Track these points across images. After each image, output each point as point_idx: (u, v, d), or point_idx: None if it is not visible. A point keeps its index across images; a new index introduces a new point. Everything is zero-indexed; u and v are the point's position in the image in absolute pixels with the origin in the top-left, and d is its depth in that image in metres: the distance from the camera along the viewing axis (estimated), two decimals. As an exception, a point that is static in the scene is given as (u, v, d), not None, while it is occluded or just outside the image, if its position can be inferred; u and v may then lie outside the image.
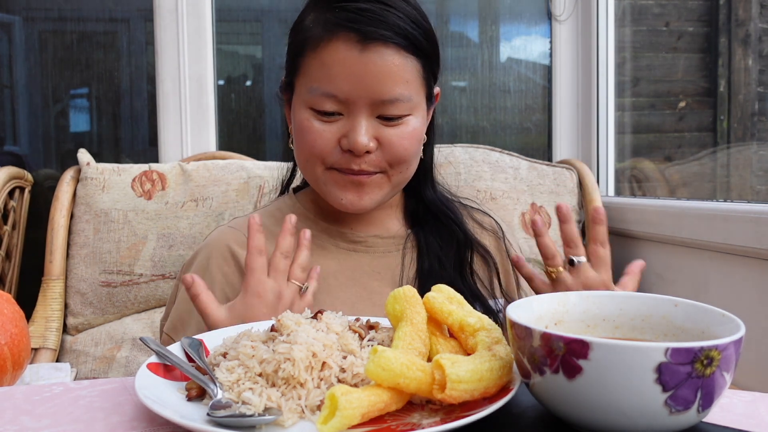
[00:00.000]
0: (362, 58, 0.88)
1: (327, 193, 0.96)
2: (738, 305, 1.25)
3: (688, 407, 0.46)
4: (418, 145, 0.96)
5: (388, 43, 0.88)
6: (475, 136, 2.01)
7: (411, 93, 0.91)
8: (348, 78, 0.88)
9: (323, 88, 0.89)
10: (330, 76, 0.89)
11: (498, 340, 0.58)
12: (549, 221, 1.64)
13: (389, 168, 0.94)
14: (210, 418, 0.51)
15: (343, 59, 0.88)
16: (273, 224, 1.01)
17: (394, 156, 0.92)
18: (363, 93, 0.88)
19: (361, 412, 0.50)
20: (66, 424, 0.54)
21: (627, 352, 0.45)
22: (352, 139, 0.89)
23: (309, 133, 0.92)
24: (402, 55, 0.89)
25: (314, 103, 0.91)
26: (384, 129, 0.91)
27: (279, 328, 0.62)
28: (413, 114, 0.93)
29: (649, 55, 2.18)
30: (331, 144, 0.91)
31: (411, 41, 0.90)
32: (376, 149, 0.91)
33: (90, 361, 1.42)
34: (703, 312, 0.56)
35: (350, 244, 1.01)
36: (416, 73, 0.92)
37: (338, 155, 0.91)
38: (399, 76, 0.89)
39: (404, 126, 0.92)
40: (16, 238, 1.56)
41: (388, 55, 0.88)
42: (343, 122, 0.91)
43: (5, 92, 1.85)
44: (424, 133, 1.00)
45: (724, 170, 2.22)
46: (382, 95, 0.89)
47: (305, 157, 0.95)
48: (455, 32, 2.03)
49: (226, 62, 1.91)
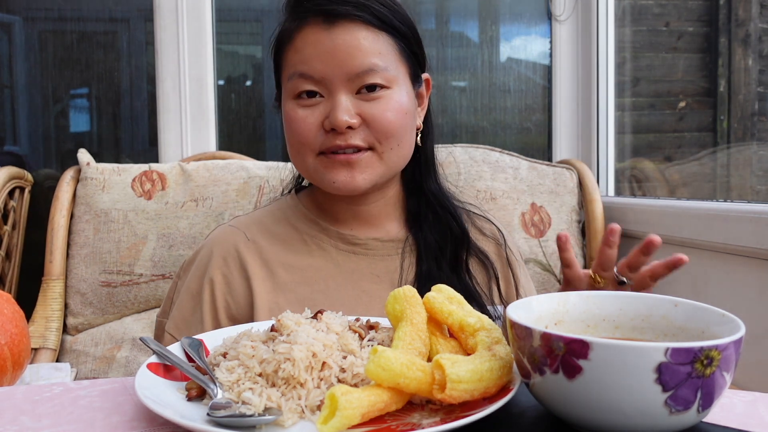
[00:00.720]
0: (331, 35, 0.91)
1: (320, 179, 0.96)
2: (738, 305, 1.25)
3: (688, 407, 0.46)
4: (404, 119, 0.96)
5: (354, 19, 0.92)
6: (475, 136, 2.01)
7: (386, 64, 0.93)
8: (320, 56, 0.91)
9: (299, 71, 0.93)
10: (303, 58, 0.92)
11: (498, 340, 0.58)
12: (549, 221, 1.64)
13: (378, 144, 0.94)
14: (210, 418, 0.51)
15: (314, 41, 0.92)
16: (273, 223, 1.02)
17: (379, 130, 0.93)
18: (337, 70, 0.91)
19: (361, 412, 0.50)
20: (66, 424, 0.54)
21: (627, 352, 0.45)
22: (332, 116, 0.91)
23: (294, 122, 0.94)
24: (370, 30, 0.92)
25: (294, 88, 0.94)
26: (365, 104, 0.93)
27: (279, 328, 0.62)
28: (393, 87, 0.94)
29: (649, 55, 2.18)
30: (315, 127, 0.93)
31: (377, 17, 0.93)
32: (359, 125, 0.92)
33: (90, 361, 1.42)
34: (703, 312, 0.56)
35: (350, 246, 1.01)
36: (389, 47, 0.94)
37: (323, 137, 0.93)
38: (370, 49, 0.92)
39: (385, 100, 0.93)
40: (16, 238, 1.56)
41: (356, 30, 0.92)
42: (324, 104, 0.93)
43: (5, 92, 1.85)
44: (415, 114, 1.01)
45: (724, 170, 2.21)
46: (355, 68, 0.91)
47: (295, 148, 0.97)
48: (455, 32, 2.03)
49: (226, 62, 1.91)
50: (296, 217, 1.03)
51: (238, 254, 0.98)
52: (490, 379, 0.53)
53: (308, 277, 0.97)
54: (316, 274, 0.98)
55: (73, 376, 1.33)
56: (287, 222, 1.03)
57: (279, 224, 1.03)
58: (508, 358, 0.55)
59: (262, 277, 0.96)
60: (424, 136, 1.04)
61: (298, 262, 0.98)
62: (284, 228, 1.02)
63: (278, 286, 0.96)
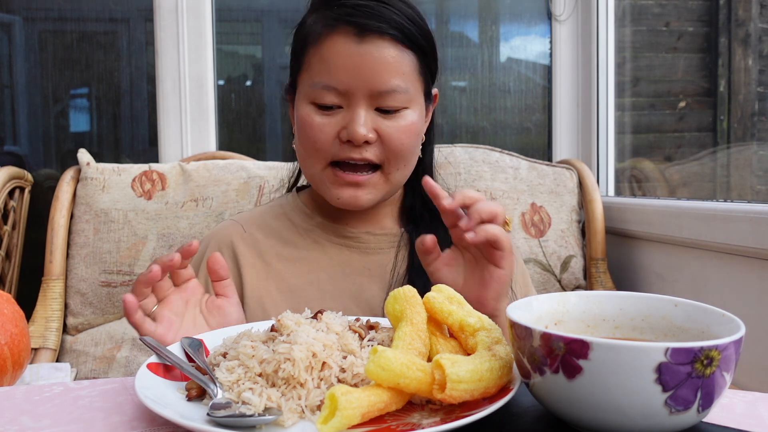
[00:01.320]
0: (360, 49, 0.91)
1: (325, 190, 0.98)
2: (738, 305, 1.25)
3: (688, 407, 0.46)
4: (415, 140, 0.97)
5: (385, 36, 0.91)
6: (475, 136, 2.01)
7: (408, 86, 0.94)
8: (346, 69, 0.91)
9: (324, 81, 0.92)
10: (329, 69, 0.92)
11: (498, 340, 0.58)
12: (549, 221, 1.64)
13: (387, 163, 0.95)
14: (210, 418, 0.51)
15: (342, 52, 0.91)
16: (272, 218, 1.06)
17: (392, 149, 0.94)
18: (361, 84, 0.91)
19: (361, 412, 0.50)
20: (66, 424, 0.54)
21: (627, 352, 0.45)
22: (351, 129, 0.91)
23: (310, 128, 0.94)
24: (398, 47, 0.92)
25: (315, 96, 0.93)
26: (382, 121, 0.93)
27: (279, 328, 0.62)
28: (410, 107, 0.95)
29: (649, 55, 2.18)
30: (331, 137, 0.93)
31: (406, 35, 0.93)
32: (375, 141, 0.93)
33: (90, 361, 1.42)
34: (703, 312, 0.56)
35: (343, 240, 1.03)
36: (412, 66, 0.95)
37: (337, 147, 0.93)
38: (395, 68, 0.92)
39: (402, 119, 0.94)
40: (16, 238, 1.56)
41: (384, 47, 0.91)
42: (342, 115, 0.93)
43: (5, 92, 1.85)
44: (423, 132, 1.02)
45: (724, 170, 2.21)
46: (380, 86, 0.91)
47: (306, 153, 0.97)
48: (455, 32, 2.03)
49: (226, 62, 1.91)
50: (294, 213, 1.06)
51: (233, 245, 1.02)
52: (490, 379, 0.53)
53: (300, 268, 1.00)
54: (308, 266, 1.00)
55: (73, 376, 1.33)
56: (285, 217, 1.05)
57: (277, 219, 1.05)
58: (508, 358, 0.55)
59: (254, 267, 1.00)
60: (424, 148, 1.05)
61: (292, 254, 1.02)
62: (281, 222, 1.05)
63: (270, 274, 1.00)
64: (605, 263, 1.62)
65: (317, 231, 1.03)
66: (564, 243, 1.62)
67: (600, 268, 1.62)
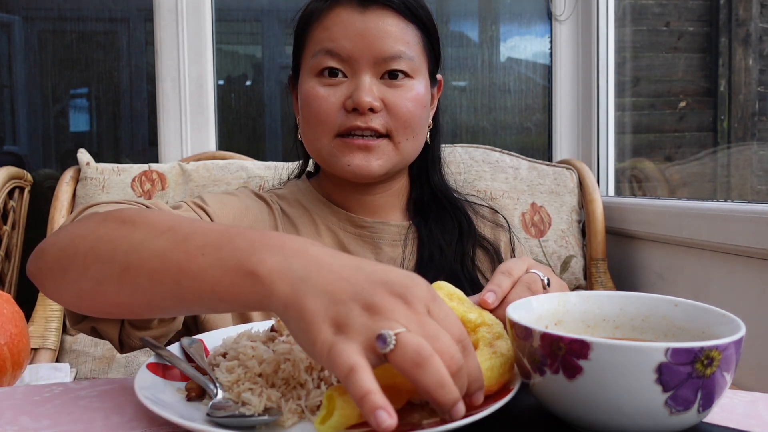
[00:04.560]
0: (363, 18, 0.92)
1: (334, 162, 0.95)
2: (738, 305, 1.25)
3: (688, 407, 0.46)
4: (422, 111, 0.96)
5: (387, 7, 0.93)
6: (475, 136, 2.01)
7: (413, 54, 0.94)
8: (349, 36, 0.92)
9: (326, 47, 0.92)
10: (332, 36, 0.92)
11: (499, 335, 0.57)
12: (549, 221, 1.64)
13: (395, 132, 0.94)
14: (210, 418, 0.51)
15: (345, 20, 0.92)
16: (286, 206, 1.03)
17: (399, 118, 0.93)
18: (365, 50, 0.91)
19: (359, 412, 0.49)
20: (66, 424, 0.54)
21: (627, 352, 0.45)
22: (356, 96, 0.91)
23: (315, 100, 0.93)
24: (401, 20, 0.94)
25: (318, 64, 0.93)
26: (388, 90, 0.93)
27: (279, 328, 0.62)
28: (416, 78, 0.95)
29: (649, 55, 2.18)
30: (336, 107, 0.92)
31: (409, 9, 0.94)
32: (380, 110, 0.92)
33: (90, 361, 1.41)
34: (704, 312, 0.56)
35: (357, 229, 1.01)
36: (417, 39, 0.95)
37: (343, 117, 0.92)
38: (399, 37, 0.93)
39: (407, 89, 0.94)
40: (16, 238, 1.56)
41: (388, 17, 0.93)
42: (347, 84, 0.93)
43: (5, 92, 1.85)
44: (430, 108, 1.02)
45: (724, 170, 2.21)
46: (384, 52, 0.92)
47: (312, 127, 0.95)
48: (455, 32, 2.03)
49: (226, 62, 1.91)
50: (308, 200, 1.04)
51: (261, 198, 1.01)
52: (490, 378, 0.53)
53: None
54: None
55: (73, 376, 1.33)
56: (299, 204, 1.03)
57: (290, 206, 1.03)
58: (509, 354, 0.55)
59: None
60: (432, 135, 1.05)
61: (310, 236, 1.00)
62: (296, 209, 1.02)
63: None
64: (605, 263, 1.62)
65: (332, 219, 1.01)
66: (564, 243, 1.62)
67: (600, 268, 1.62)
